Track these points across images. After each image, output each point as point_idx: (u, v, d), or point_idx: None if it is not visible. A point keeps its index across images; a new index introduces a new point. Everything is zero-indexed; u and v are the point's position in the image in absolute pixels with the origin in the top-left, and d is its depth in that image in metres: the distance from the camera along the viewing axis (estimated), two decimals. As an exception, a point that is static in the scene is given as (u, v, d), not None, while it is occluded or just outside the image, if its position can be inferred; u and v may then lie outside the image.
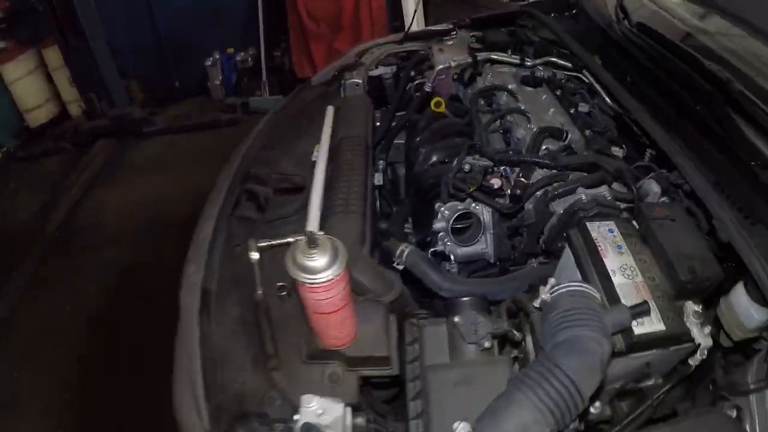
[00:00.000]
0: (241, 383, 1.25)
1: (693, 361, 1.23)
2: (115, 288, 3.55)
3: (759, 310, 1.25)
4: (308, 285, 1.01)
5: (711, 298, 1.38)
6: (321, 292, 1.03)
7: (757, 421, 1.22)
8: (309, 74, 5.11)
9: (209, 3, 5.42)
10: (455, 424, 0.94)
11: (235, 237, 1.60)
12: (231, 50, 5.61)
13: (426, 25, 2.58)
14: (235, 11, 5.56)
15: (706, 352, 1.20)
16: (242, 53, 5.62)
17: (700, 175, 1.43)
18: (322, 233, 1.09)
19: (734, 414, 1.26)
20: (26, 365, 3.10)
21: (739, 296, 1.30)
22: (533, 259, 1.67)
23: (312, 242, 0.99)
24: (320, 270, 1.00)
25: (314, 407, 1.07)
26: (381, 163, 2.09)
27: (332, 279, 1.01)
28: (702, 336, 1.17)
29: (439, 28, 2.55)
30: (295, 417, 1.08)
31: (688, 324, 1.17)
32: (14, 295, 3.57)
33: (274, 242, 1.50)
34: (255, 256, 1.46)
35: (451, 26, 2.53)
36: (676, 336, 1.15)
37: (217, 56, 5.55)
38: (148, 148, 4.96)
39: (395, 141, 2.29)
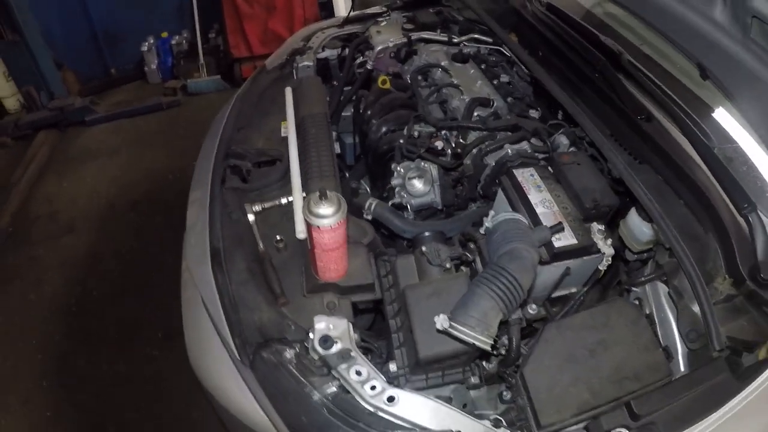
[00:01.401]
0: (258, 320, 1.52)
1: (601, 267, 1.60)
2: (78, 274, 3.59)
3: (649, 227, 1.66)
4: (321, 228, 1.33)
5: (614, 221, 1.79)
6: (330, 232, 1.34)
7: (653, 306, 1.63)
8: (245, 54, 5.29)
9: (141, -12, 5.38)
10: (436, 317, 1.25)
11: (229, 205, 1.85)
12: (165, 34, 5.63)
13: (353, 6, 2.86)
14: (166, -5, 5.56)
15: (610, 259, 1.58)
16: (177, 36, 5.66)
17: (596, 129, 1.81)
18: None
19: (636, 303, 1.67)
20: (-1, 361, 3.13)
21: (633, 218, 1.71)
22: (473, 204, 2.02)
23: (323, 195, 1.31)
24: (330, 216, 1.32)
25: (324, 324, 1.39)
26: (333, 134, 2.33)
27: (339, 222, 1.33)
28: (606, 247, 1.55)
29: (374, 11, 2.85)
30: (310, 336, 1.38)
31: (594, 239, 1.55)
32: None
33: (266, 205, 1.81)
34: (252, 217, 1.77)
35: (384, 8, 2.84)
36: (585, 247, 1.53)
37: (152, 41, 5.55)
38: (92, 137, 4.92)
39: (342, 114, 2.58)
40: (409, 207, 1.94)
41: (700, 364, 1.41)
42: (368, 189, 2.36)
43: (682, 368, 1.50)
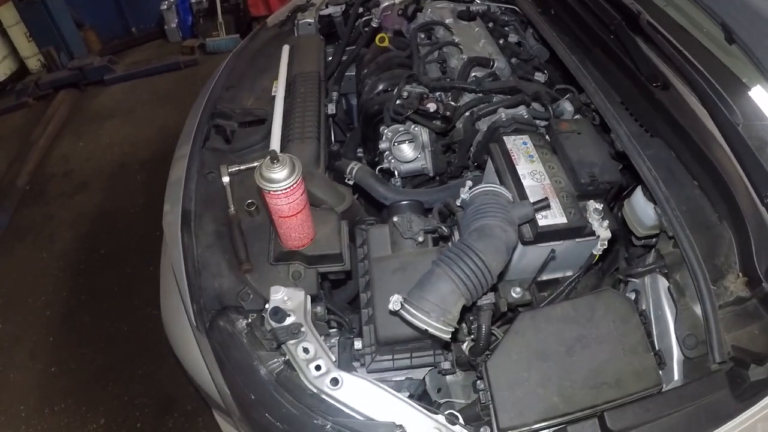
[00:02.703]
0: (218, 286, 1.45)
1: (595, 251, 1.41)
2: (88, 231, 3.65)
3: (654, 209, 1.45)
4: (273, 192, 1.23)
5: (620, 200, 1.62)
6: (283, 197, 1.25)
7: (651, 301, 1.41)
8: (263, 13, 5.16)
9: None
10: (391, 297, 1.14)
11: (207, 166, 1.78)
12: (185, -8, 5.57)
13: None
14: (188, -47, 5.49)
15: (606, 243, 1.39)
16: (197, -5, 5.61)
17: (601, 95, 1.63)
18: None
19: (633, 296, 1.47)
20: (8, 316, 3.18)
21: (638, 198, 1.52)
22: (468, 172, 1.87)
23: (274, 158, 1.21)
24: (282, 180, 1.21)
25: (280, 295, 1.31)
26: (334, 95, 2.24)
27: (291, 186, 1.23)
28: (601, 229, 1.36)
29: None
30: (266, 306, 1.31)
31: (590, 219, 1.37)
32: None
33: (242, 167, 1.72)
34: (226, 179, 1.68)
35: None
36: (577, 228, 1.35)
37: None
38: (110, 96, 4.96)
39: (347, 73, 2.45)
40: (396, 173, 1.82)
41: (697, 376, 1.22)
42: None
43: (675, 377, 1.28)
